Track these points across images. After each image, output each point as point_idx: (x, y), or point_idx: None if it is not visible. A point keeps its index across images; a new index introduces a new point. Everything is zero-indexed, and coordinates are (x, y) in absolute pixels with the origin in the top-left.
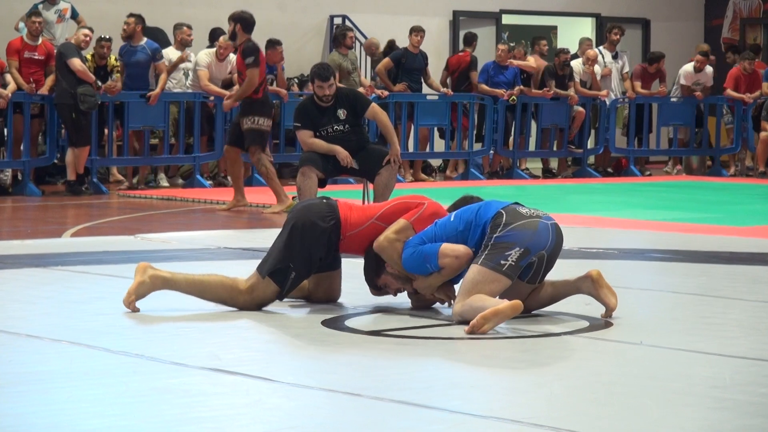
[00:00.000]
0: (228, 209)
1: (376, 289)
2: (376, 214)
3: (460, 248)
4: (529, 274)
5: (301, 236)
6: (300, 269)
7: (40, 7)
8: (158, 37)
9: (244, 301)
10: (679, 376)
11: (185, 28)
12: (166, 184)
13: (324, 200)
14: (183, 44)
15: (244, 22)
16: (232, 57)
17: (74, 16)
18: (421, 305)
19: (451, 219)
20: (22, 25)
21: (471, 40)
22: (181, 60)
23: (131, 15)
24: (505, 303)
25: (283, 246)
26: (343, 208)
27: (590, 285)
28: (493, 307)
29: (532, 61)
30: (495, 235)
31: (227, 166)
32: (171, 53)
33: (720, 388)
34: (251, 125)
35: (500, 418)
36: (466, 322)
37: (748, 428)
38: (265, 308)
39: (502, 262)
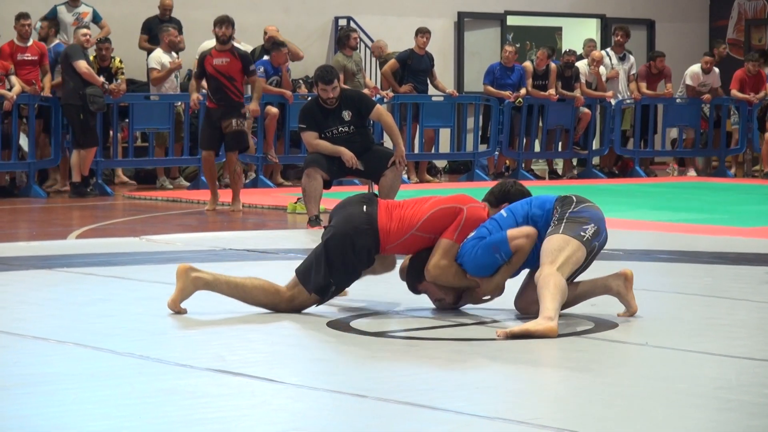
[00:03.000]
0: (213, 209)
1: (417, 293)
2: (416, 224)
3: (527, 228)
4: (579, 271)
5: (342, 253)
6: (341, 284)
7: (61, 8)
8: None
9: (285, 308)
10: (685, 376)
11: (171, 29)
12: (170, 186)
13: (364, 208)
14: (170, 47)
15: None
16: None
17: (97, 20)
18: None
19: (504, 215)
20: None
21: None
22: (177, 67)
23: (44, 19)
24: (541, 326)
25: (325, 263)
26: (383, 217)
27: (622, 284)
28: (525, 327)
29: (552, 83)
30: (570, 211)
31: (206, 170)
32: (159, 55)
33: (725, 388)
34: (241, 127)
35: (505, 419)
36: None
37: (754, 429)
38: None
39: (582, 233)
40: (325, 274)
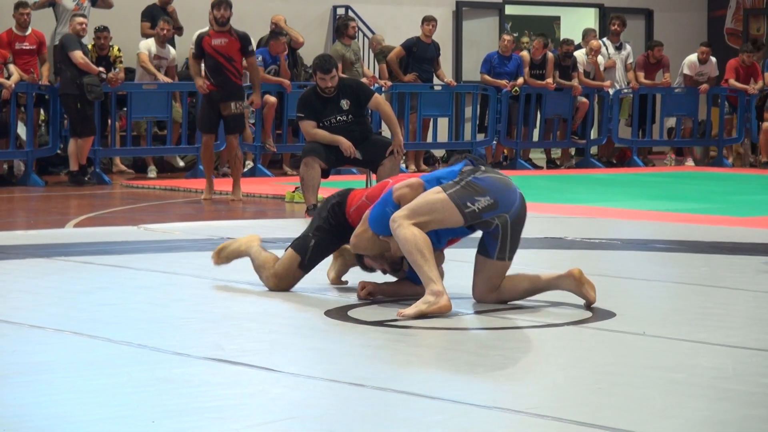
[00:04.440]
0: (208, 198)
1: (368, 270)
2: (366, 192)
3: (411, 179)
4: (496, 247)
5: (318, 211)
6: (319, 237)
7: None
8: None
9: (269, 273)
10: (682, 366)
11: (161, 22)
12: (153, 175)
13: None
14: (162, 39)
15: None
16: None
17: (94, 4)
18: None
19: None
20: None
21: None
22: (154, 79)
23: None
24: (434, 307)
25: (309, 224)
26: (356, 190)
27: (572, 283)
28: (419, 309)
29: (549, 72)
30: (472, 177)
31: (204, 155)
32: (150, 45)
33: (723, 378)
34: (240, 110)
35: (503, 408)
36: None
37: (751, 418)
38: (270, 296)
39: (469, 204)
40: (306, 230)
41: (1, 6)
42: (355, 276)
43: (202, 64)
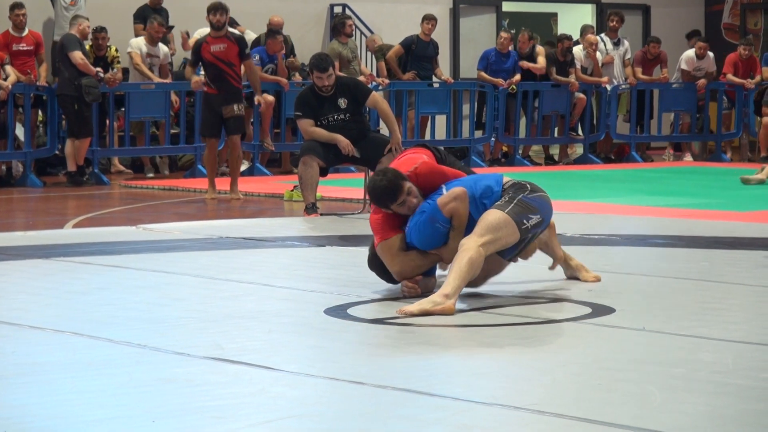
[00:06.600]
0: (213, 198)
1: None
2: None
3: (454, 190)
4: (514, 251)
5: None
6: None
7: None
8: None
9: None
10: (682, 361)
11: (156, 24)
12: (151, 175)
13: None
14: (150, 40)
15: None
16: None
17: None
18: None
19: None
20: None
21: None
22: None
23: None
24: (438, 307)
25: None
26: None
27: (546, 231)
28: (423, 307)
29: (542, 62)
30: (523, 195)
31: (208, 159)
32: (141, 44)
33: (722, 373)
34: (241, 112)
35: (503, 405)
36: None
37: (751, 413)
38: (269, 295)
39: (524, 221)
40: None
41: None
42: (354, 277)
43: (202, 71)
